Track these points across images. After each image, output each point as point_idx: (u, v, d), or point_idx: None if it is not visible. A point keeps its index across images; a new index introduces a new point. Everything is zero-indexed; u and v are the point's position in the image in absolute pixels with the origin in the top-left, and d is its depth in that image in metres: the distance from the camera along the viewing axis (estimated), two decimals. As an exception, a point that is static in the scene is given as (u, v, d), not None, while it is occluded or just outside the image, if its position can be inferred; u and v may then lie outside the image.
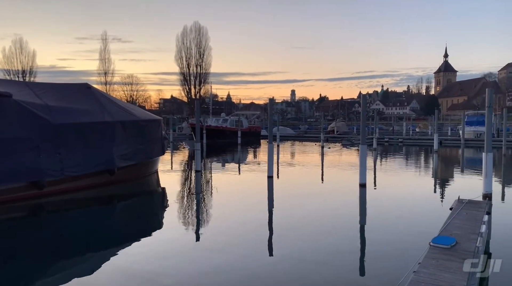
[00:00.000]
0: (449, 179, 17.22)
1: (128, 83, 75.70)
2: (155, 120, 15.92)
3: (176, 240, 7.67)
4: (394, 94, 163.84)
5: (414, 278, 3.71)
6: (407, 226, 8.63)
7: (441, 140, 34.78)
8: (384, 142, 39.61)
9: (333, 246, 7.19)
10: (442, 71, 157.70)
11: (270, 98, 16.69)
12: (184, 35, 66.27)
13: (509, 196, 12.49)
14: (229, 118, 47.76)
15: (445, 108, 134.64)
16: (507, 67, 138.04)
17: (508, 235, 7.85)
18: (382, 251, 6.84)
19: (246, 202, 11.47)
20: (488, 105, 10.00)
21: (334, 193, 13.13)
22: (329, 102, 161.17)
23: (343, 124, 61.15)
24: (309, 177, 17.12)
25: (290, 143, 42.43)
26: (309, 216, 9.55)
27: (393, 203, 11.31)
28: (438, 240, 4.78)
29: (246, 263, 6.31)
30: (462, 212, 6.28)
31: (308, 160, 24.76)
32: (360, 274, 5.92)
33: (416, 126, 62.48)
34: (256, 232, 8.17)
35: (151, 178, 15.70)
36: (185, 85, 67.95)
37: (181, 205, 11.26)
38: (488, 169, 9.44)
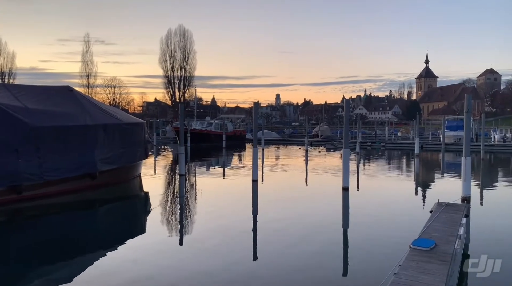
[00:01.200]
0: (429, 182, 17.56)
1: (111, 86, 74.85)
2: (138, 123, 15.74)
3: (159, 244, 7.59)
4: (376, 99, 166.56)
5: (394, 280, 3.77)
6: (389, 228, 8.75)
7: (422, 145, 35.48)
8: (367, 146, 40.14)
9: (316, 249, 7.23)
10: (423, 76, 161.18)
11: (255, 102, 16.73)
12: (169, 38, 66.02)
13: (487, 198, 12.81)
14: (213, 122, 47.66)
15: (426, 113, 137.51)
16: (485, 73, 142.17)
17: (486, 237, 8.02)
18: (364, 253, 6.93)
19: (230, 206, 11.43)
20: (467, 111, 10.28)
21: (317, 196, 13.22)
22: (313, 107, 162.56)
23: (327, 128, 61.74)
24: (294, 181, 17.20)
25: (275, 146, 42.57)
26: (293, 220, 9.58)
27: (375, 206, 11.45)
28: (418, 242, 4.87)
29: (230, 267, 6.29)
30: (442, 215, 6.42)
31: (292, 163, 24.88)
32: (343, 275, 5.97)
33: (398, 131, 63.59)
34: (240, 235, 8.15)
35: (134, 182, 15.50)
36: (169, 89, 67.62)
37: (164, 209, 11.15)
38: (467, 173, 9.70)
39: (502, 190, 15.11)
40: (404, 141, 43.63)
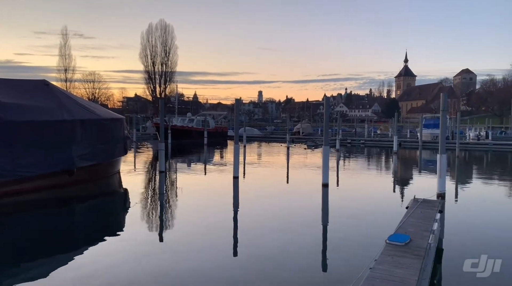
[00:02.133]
0: (407, 179, 17.97)
1: (90, 81, 73.39)
2: (117, 119, 15.49)
3: (139, 241, 7.51)
4: (357, 97, 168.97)
5: (370, 274, 3.86)
6: (367, 224, 8.93)
7: (400, 142, 36.23)
8: (347, 143, 40.71)
9: (296, 245, 7.31)
10: (403, 75, 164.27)
11: (236, 98, 16.70)
12: (149, 32, 65.08)
13: (461, 195, 13.22)
14: (195, 118, 47.37)
15: (405, 111, 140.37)
16: (462, 73, 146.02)
17: (460, 231, 8.30)
18: (344, 249, 7.06)
19: (211, 203, 11.41)
20: (443, 109, 10.53)
21: (298, 193, 13.34)
22: (295, 104, 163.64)
23: (308, 125, 62.24)
24: (275, 178, 17.29)
25: (257, 143, 42.64)
26: (274, 216, 9.65)
27: (354, 202, 11.66)
28: (394, 237, 4.99)
29: (211, 263, 6.29)
30: (417, 211, 6.59)
31: (274, 160, 25.00)
32: (323, 270, 6.06)
33: (378, 129, 64.73)
34: (221, 232, 8.16)
35: (113, 178, 15.27)
36: (149, 84, 66.74)
37: (144, 206, 11.04)
38: (442, 170, 9.93)
39: (476, 187, 15.61)
40: (383, 139, 44.43)
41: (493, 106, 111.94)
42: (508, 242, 7.71)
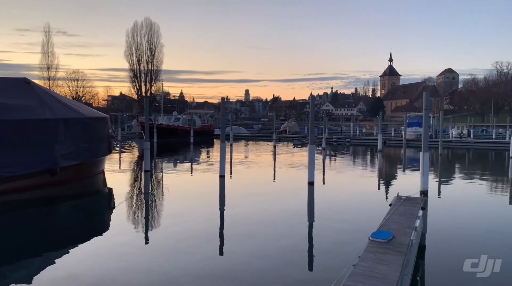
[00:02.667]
0: (391, 177, 18.23)
1: (74, 79, 72.18)
2: (101, 118, 15.29)
3: (124, 241, 7.44)
4: (342, 96, 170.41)
5: (353, 271, 3.91)
6: (352, 222, 9.03)
7: (385, 141, 36.71)
8: (333, 142, 41.04)
9: (282, 243, 7.35)
10: (387, 75, 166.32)
11: (222, 97, 16.66)
12: (135, 30, 64.35)
13: (444, 192, 13.48)
14: (181, 117, 47.03)
15: (389, 110, 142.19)
16: (445, 72, 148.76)
17: (442, 228, 8.45)
18: (329, 246, 7.13)
19: (197, 202, 11.36)
20: (425, 108, 10.72)
21: (284, 191, 13.39)
22: (282, 103, 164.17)
23: (295, 124, 62.50)
24: (261, 176, 17.33)
25: (244, 142, 42.62)
26: (260, 215, 9.68)
27: (339, 200, 11.78)
28: (377, 234, 5.07)
29: (196, 263, 6.28)
30: (400, 208, 6.70)
31: (261, 159, 25.04)
32: (308, 269, 6.11)
33: (363, 127, 65.41)
34: (207, 231, 8.15)
35: (97, 178, 15.07)
36: (135, 82, 66.04)
37: (129, 206, 10.92)
38: (425, 168, 10.11)
39: (459, 184, 15.94)
40: (368, 137, 44.92)
41: (474, 105, 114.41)
42: (491, 238, 7.89)
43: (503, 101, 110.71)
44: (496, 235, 8.14)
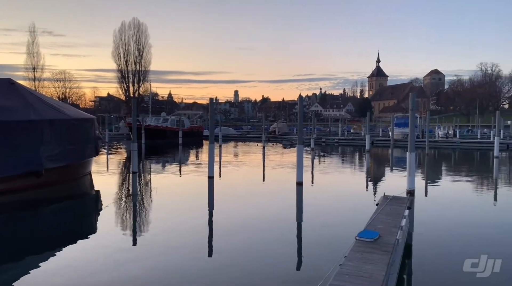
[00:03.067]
0: (378, 177, 18.40)
1: (60, 80, 71.25)
2: (88, 119, 15.11)
3: (112, 243, 7.36)
4: (331, 97, 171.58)
5: (339, 270, 3.94)
6: (340, 221, 9.09)
7: (372, 141, 37.04)
8: (322, 142, 41.26)
9: (270, 243, 7.36)
10: (375, 75, 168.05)
11: (211, 98, 16.61)
12: (122, 31, 63.82)
13: (431, 191, 13.66)
14: (169, 118, 46.73)
15: (377, 110, 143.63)
16: (431, 73, 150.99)
17: (428, 227, 8.55)
18: (317, 246, 7.16)
19: (185, 204, 11.30)
20: (411, 109, 10.86)
21: (273, 192, 13.41)
22: (271, 104, 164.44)
23: (284, 125, 62.69)
24: (251, 177, 17.32)
25: (233, 143, 42.56)
26: (249, 215, 9.68)
27: (327, 200, 11.85)
28: (363, 234, 5.11)
29: (185, 264, 6.25)
30: (387, 208, 6.77)
31: (250, 160, 25.03)
32: (296, 269, 6.13)
33: (351, 128, 65.96)
34: (195, 232, 8.11)
35: (84, 180, 14.88)
36: (123, 83, 65.46)
37: (116, 208, 10.80)
38: (411, 168, 10.24)
39: (445, 183, 16.18)
40: (356, 138, 45.29)
41: (460, 106, 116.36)
42: (478, 236, 8.02)
43: (488, 102, 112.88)
44: (482, 233, 8.27)
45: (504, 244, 7.43)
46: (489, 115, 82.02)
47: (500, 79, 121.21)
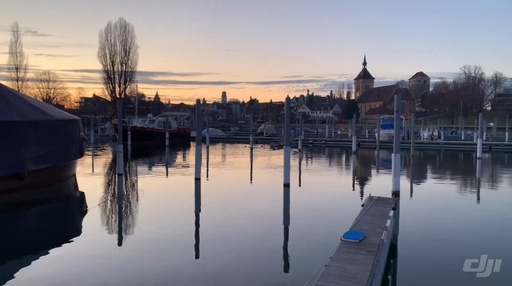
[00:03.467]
0: (365, 178, 18.58)
1: (44, 80, 70.02)
2: (72, 120, 14.88)
3: (97, 246, 7.27)
4: (318, 99, 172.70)
5: (325, 271, 3.95)
6: (326, 223, 9.14)
7: (359, 142, 37.38)
8: (309, 144, 41.46)
9: (258, 245, 7.36)
10: (361, 78, 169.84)
11: (198, 99, 16.54)
12: (108, 31, 63.01)
13: (416, 192, 13.84)
14: (156, 119, 46.34)
15: (364, 112, 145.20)
16: (416, 76, 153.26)
17: (414, 228, 8.67)
18: (303, 247, 7.19)
19: (172, 206, 11.22)
20: (397, 111, 11.00)
21: (261, 193, 13.41)
22: (259, 105, 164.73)
23: (272, 126, 62.81)
24: (238, 178, 17.29)
25: (221, 144, 42.45)
26: (236, 217, 9.66)
27: (314, 201, 11.90)
28: (349, 235, 5.15)
29: (172, 266, 6.20)
30: (372, 208, 6.83)
31: (238, 161, 24.99)
32: (284, 271, 6.13)
33: (338, 129, 66.40)
34: (182, 234, 8.06)
35: (68, 182, 14.64)
36: (109, 84, 64.59)
37: (101, 210, 10.65)
38: (396, 169, 10.37)
39: (430, 184, 16.42)
40: (343, 139, 45.62)
41: (445, 108, 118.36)
42: (463, 236, 8.16)
43: (471, 104, 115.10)
44: (466, 233, 8.42)
45: (489, 243, 7.58)
46: (472, 117, 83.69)
47: (483, 82, 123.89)
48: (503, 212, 10.76)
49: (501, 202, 12.47)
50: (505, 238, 8.06)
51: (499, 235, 8.26)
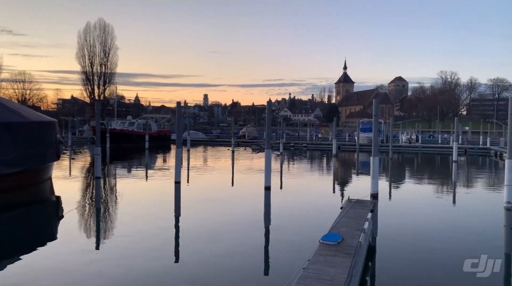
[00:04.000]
0: (345, 180, 18.79)
1: (20, 81, 68.14)
2: (48, 122, 14.51)
3: (73, 251, 7.09)
4: (300, 102, 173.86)
5: (303, 274, 3.96)
6: (306, 225, 9.18)
7: (339, 146, 37.82)
8: (290, 147, 41.69)
9: (238, 248, 7.33)
10: (342, 82, 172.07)
11: (178, 101, 16.39)
12: (87, 32, 61.97)
13: (394, 194, 14.09)
14: (136, 122, 45.65)
15: (344, 116, 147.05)
16: (395, 80, 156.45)
17: (391, 230, 8.78)
18: (284, 250, 7.20)
19: (151, 209, 11.05)
20: (375, 114, 11.19)
21: (242, 196, 13.38)
22: (241, 108, 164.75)
23: (254, 129, 62.88)
24: (219, 182, 17.20)
25: (203, 147, 42.20)
26: (216, 221, 9.59)
27: (295, 204, 11.95)
28: (327, 237, 5.18)
29: (150, 270, 6.09)
30: (350, 211, 6.91)
31: (219, 164, 24.87)
32: (264, 273, 6.12)
33: (319, 132, 67.09)
34: (161, 238, 7.95)
35: (44, 185, 14.24)
36: (87, 85, 63.48)
37: (78, 214, 10.40)
38: (375, 171, 10.52)
39: (408, 186, 16.75)
40: (324, 143, 46.09)
41: (422, 112, 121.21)
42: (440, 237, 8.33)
43: (448, 108, 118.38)
44: (443, 234, 8.61)
45: (464, 244, 7.75)
46: (449, 121, 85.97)
47: (458, 87, 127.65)
48: (477, 213, 11.09)
49: (476, 204, 12.84)
50: (482, 235, 8.27)
51: (476, 238, 8.47)
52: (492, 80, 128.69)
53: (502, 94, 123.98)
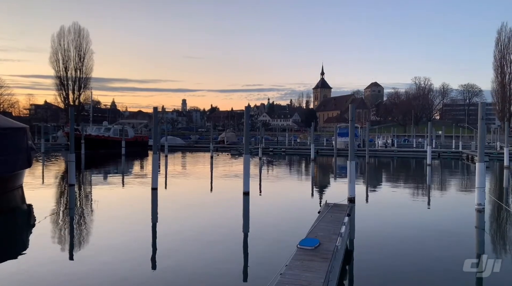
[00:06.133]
0: (323, 185, 18.97)
1: (-11, 86, 65.73)
2: (18, 128, 14.03)
3: (45, 261, 6.83)
4: (279, 107, 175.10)
5: (280, 280, 3.95)
6: (285, 230, 9.17)
7: (317, 150, 38.23)
8: (269, 152, 41.82)
9: (216, 255, 7.24)
10: (320, 87, 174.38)
11: (154, 107, 16.19)
12: (61, 35, 60.64)
13: (371, 198, 14.30)
14: (112, 127, 44.78)
15: (322, 121, 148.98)
16: (371, 86, 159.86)
17: (368, 233, 8.89)
18: (262, 256, 7.16)
19: (127, 216, 10.81)
20: (351, 119, 11.39)
21: (220, 202, 13.28)
22: (220, 113, 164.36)
23: (233, 134, 62.84)
24: (198, 187, 17.04)
25: (181, 153, 41.76)
26: (194, 227, 9.47)
27: (273, 209, 11.95)
28: (304, 242, 5.19)
29: (126, 278, 5.96)
30: (328, 215, 6.96)
31: (198, 170, 24.65)
32: (243, 279, 6.06)
33: (298, 137, 67.68)
34: (138, 245, 7.78)
35: (14, 193, 13.73)
36: (62, 90, 62.00)
37: (51, 223, 10.04)
38: (352, 176, 10.69)
39: (384, 190, 17.05)
40: (302, 147, 46.48)
41: (398, 117, 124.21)
42: (416, 239, 8.49)
43: (422, 113, 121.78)
44: (420, 236, 8.79)
45: (440, 246, 7.93)
46: (423, 125, 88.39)
47: (432, 93, 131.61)
48: (451, 215, 11.41)
49: (450, 206, 13.21)
50: (456, 236, 8.49)
51: (451, 239, 8.68)
52: (463, 86, 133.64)
53: (473, 100, 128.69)
